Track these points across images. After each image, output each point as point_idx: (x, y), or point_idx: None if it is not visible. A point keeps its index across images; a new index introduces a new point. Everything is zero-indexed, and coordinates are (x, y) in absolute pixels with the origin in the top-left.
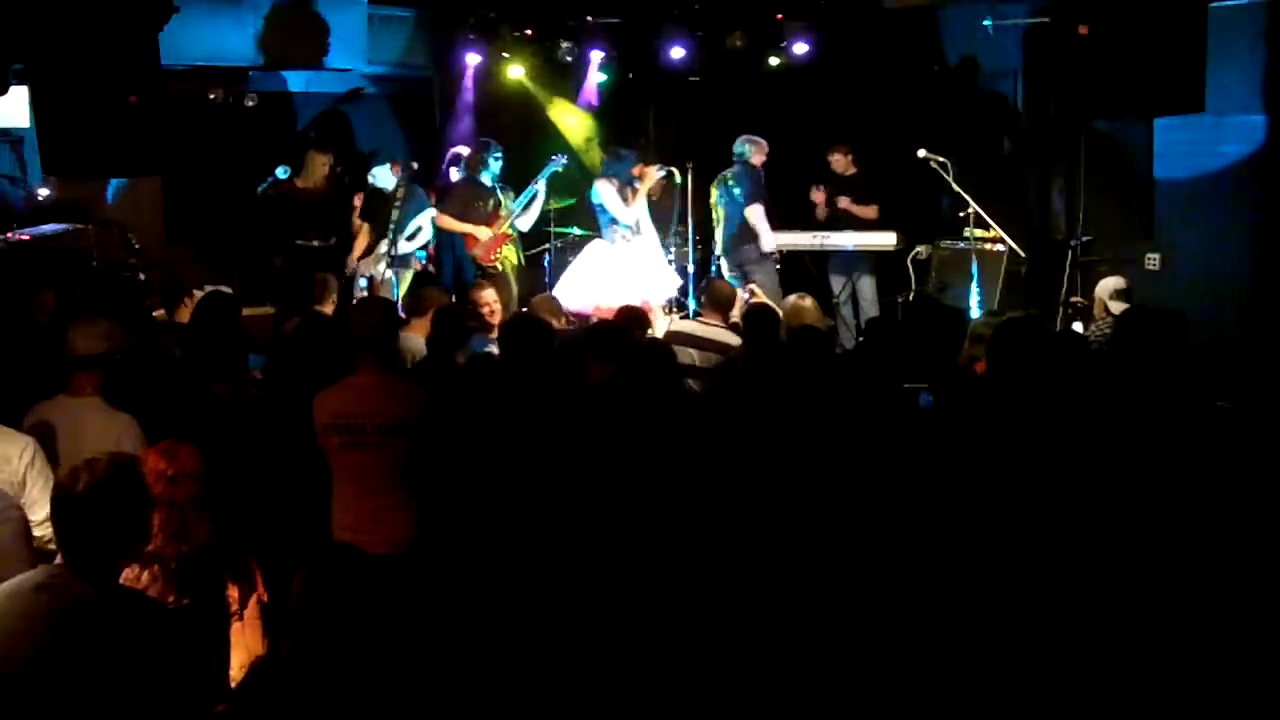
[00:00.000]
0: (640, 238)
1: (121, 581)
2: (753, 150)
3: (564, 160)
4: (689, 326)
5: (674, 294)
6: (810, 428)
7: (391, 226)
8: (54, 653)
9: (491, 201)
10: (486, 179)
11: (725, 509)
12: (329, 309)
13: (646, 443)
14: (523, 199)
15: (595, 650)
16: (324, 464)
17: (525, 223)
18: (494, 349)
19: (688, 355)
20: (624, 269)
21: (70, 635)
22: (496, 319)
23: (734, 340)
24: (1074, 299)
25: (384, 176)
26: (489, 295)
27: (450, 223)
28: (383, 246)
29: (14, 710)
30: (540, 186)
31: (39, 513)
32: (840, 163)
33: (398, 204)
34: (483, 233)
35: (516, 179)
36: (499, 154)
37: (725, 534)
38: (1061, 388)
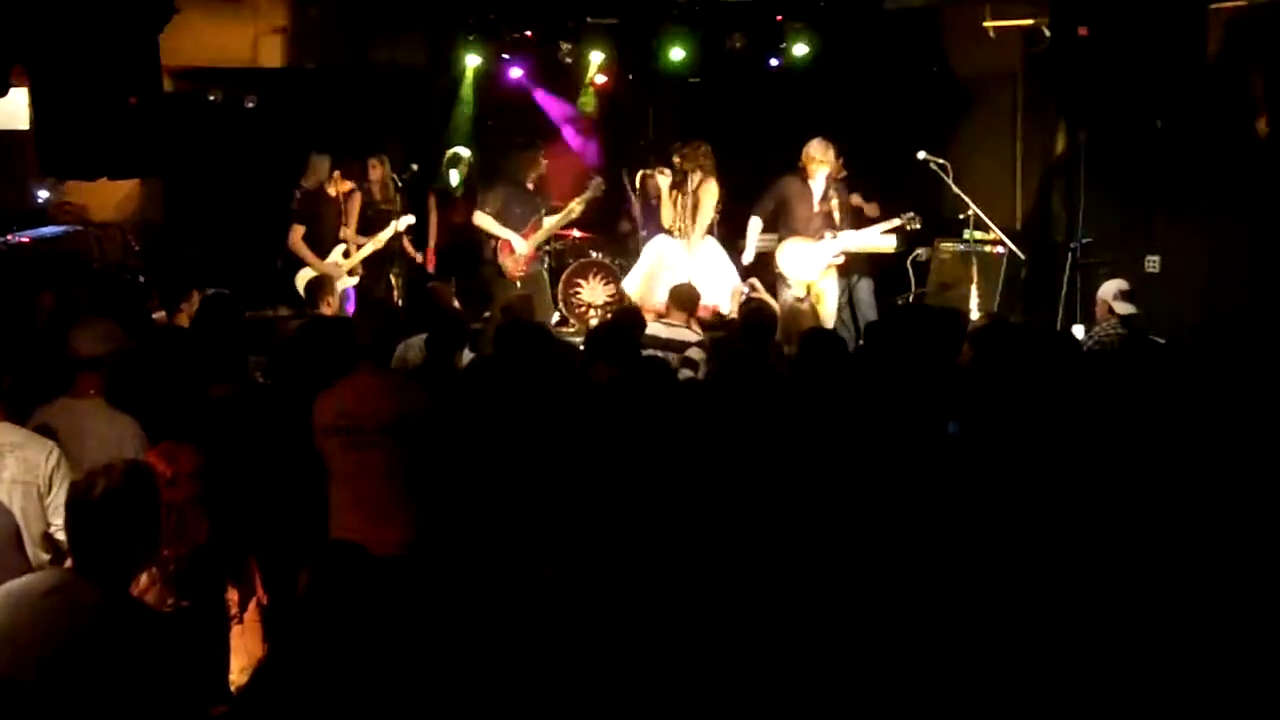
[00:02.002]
0: (695, 238)
1: None
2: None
3: (602, 184)
4: (652, 329)
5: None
6: (814, 431)
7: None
8: (63, 658)
9: (530, 210)
10: (528, 184)
11: (725, 511)
12: (327, 310)
13: (649, 444)
14: (559, 217)
15: (595, 649)
16: (324, 466)
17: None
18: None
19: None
20: (680, 267)
21: (79, 641)
22: None
23: (692, 338)
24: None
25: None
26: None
27: (489, 223)
28: (339, 254)
29: (22, 713)
30: (578, 206)
31: (61, 516)
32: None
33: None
34: (519, 244)
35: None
36: (543, 157)
37: (726, 535)
38: (1042, 384)
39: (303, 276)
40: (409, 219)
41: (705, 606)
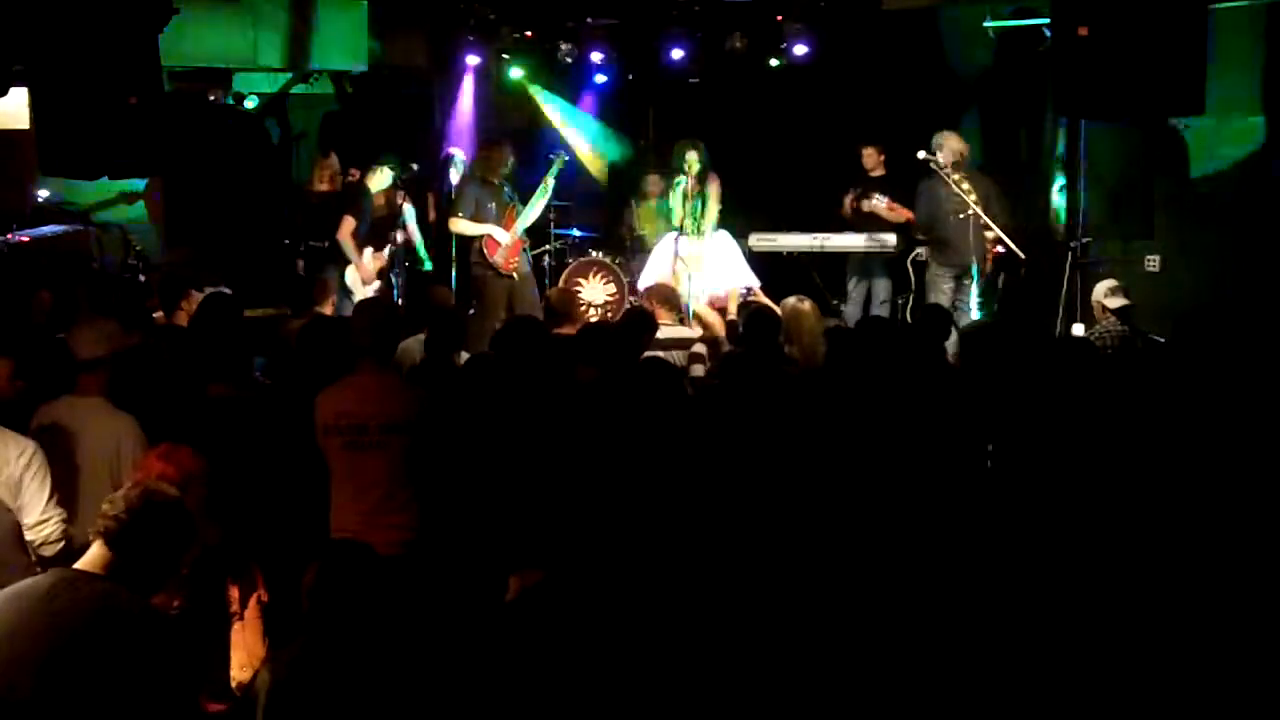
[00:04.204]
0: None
1: None
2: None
3: (565, 156)
4: None
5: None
6: (817, 430)
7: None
8: (62, 658)
9: (502, 202)
10: (494, 179)
11: (723, 511)
12: (328, 310)
13: (634, 444)
14: (533, 200)
15: (582, 650)
16: (324, 465)
17: (528, 221)
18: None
19: None
20: (694, 263)
21: (79, 641)
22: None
23: (694, 333)
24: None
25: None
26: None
27: (466, 226)
28: (368, 255)
29: (22, 709)
30: (549, 184)
31: (30, 516)
32: (871, 158)
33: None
34: (500, 234)
35: (516, 180)
36: (509, 153)
37: (724, 536)
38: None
39: (351, 271)
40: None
41: (703, 605)
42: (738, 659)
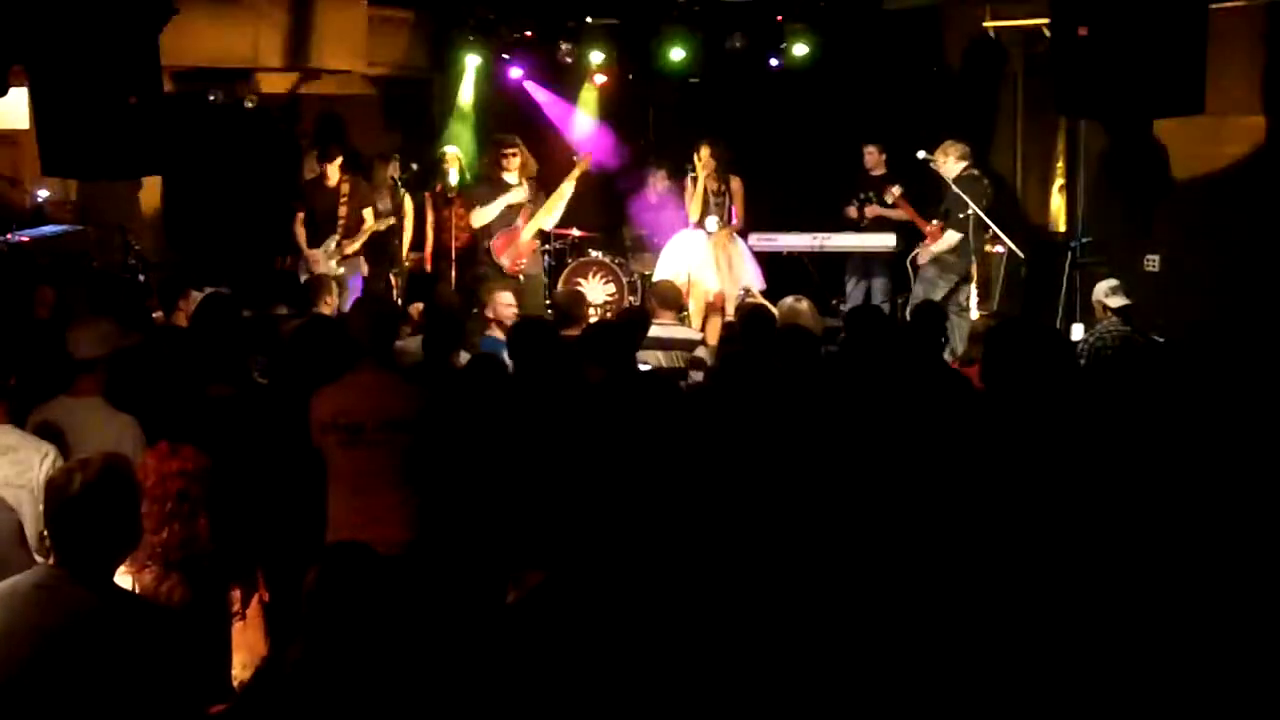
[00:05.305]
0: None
1: (130, 583)
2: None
3: (590, 156)
4: (653, 331)
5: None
6: (804, 428)
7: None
8: (54, 651)
9: (515, 203)
10: (503, 178)
11: (724, 512)
12: (326, 309)
13: (640, 445)
14: (552, 201)
15: (583, 651)
16: (323, 464)
17: (549, 222)
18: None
19: (654, 358)
20: (696, 259)
21: (70, 634)
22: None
23: (696, 335)
24: None
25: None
26: (508, 297)
27: (487, 212)
28: (331, 244)
29: (13, 710)
30: (568, 186)
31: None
32: (872, 157)
33: (344, 199)
34: (511, 234)
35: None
36: (522, 152)
37: (725, 537)
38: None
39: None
40: (388, 222)
41: (704, 606)
42: (738, 660)
